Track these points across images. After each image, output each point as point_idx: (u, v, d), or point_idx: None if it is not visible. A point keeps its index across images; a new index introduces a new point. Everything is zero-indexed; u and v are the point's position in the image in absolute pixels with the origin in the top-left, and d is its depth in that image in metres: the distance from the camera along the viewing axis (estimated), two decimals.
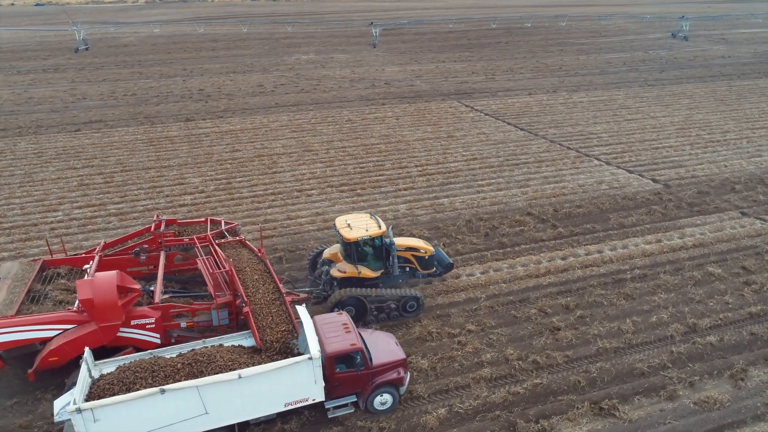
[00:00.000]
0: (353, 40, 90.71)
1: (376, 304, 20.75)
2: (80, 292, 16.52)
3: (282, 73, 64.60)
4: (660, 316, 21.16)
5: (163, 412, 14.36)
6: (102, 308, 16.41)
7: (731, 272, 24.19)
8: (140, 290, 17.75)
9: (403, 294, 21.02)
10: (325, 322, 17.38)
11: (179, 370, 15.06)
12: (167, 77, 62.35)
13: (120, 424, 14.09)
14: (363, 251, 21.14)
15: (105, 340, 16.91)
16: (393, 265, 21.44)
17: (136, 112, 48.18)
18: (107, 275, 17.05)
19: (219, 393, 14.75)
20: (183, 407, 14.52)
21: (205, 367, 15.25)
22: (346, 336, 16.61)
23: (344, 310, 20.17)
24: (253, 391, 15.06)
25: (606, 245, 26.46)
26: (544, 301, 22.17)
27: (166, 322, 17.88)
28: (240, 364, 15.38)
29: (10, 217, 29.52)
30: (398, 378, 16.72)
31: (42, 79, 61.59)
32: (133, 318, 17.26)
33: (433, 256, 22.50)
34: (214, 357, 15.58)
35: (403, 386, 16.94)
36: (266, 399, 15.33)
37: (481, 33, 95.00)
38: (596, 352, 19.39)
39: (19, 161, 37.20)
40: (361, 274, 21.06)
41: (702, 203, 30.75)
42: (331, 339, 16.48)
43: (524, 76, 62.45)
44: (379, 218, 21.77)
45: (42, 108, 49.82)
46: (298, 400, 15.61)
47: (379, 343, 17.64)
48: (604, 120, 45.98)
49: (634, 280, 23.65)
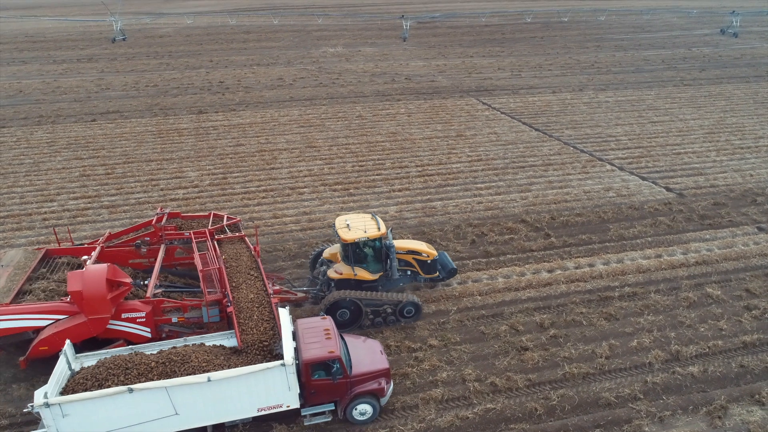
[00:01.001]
0: (385, 33, 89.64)
1: (372, 307, 20.07)
2: (70, 284, 16.68)
3: (305, 66, 64.31)
4: (641, 341, 19.57)
5: (132, 411, 14.24)
6: (91, 301, 16.52)
7: (732, 295, 22.22)
8: (130, 284, 17.70)
9: (401, 299, 20.30)
10: (306, 326, 16.79)
11: (153, 369, 14.89)
12: (192, 69, 63.03)
13: (89, 420, 14.07)
14: (361, 253, 20.56)
15: (94, 332, 17.03)
16: (392, 268, 20.80)
17: (153, 104, 48.79)
18: (97, 268, 17.09)
19: (188, 395, 14.50)
20: (152, 407, 14.38)
21: (179, 367, 15.01)
22: (326, 342, 16.01)
23: (338, 312, 19.77)
24: (224, 395, 14.74)
25: (599, 258, 24.82)
26: (518, 318, 20.88)
27: (157, 317, 17.88)
28: (215, 366, 15.10)
29: (8, 206, 30.18)
30: (378, 389, 16.10)
31: (74, 69, 63.30)
32: (124, 311, 17.36)
33: (436, 260, 21.74)
34: (189, 357, 15.33)
35: (384, 397, 16.25)
36: (238, 403, 15.01)
37: (517, 27, 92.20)
38: (562, 377, 18.05)
39: (31, 150, 38.13)
40: (357, 276, 20.50)
41: (715, 216, 28.52)
42: (309, 345, 15.92)
43: (552, 73, 60.07)
44: (380, 219, 21.08)
45: (66, 98, 51.10)
46: (272, 405, 15.26)
47: (363, 351, 17.04)
48: (627, 122, 43.55)
49: (622, 299, 22.02)
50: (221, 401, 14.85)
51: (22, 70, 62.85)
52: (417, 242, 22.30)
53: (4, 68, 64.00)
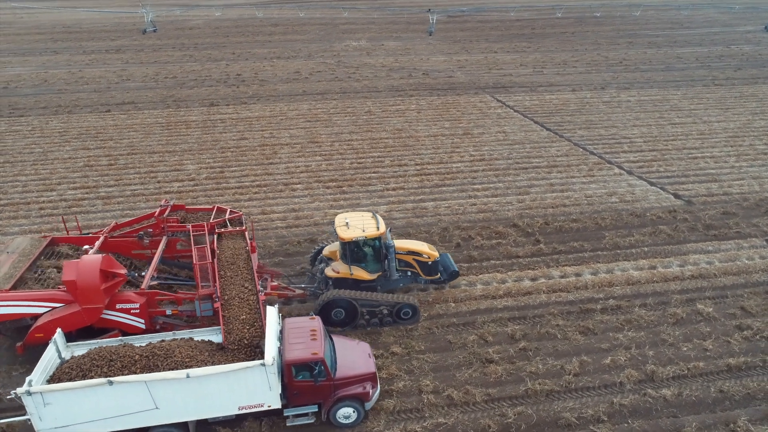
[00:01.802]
0: (412, 27, 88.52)
1: (368, 308, 19.74)
2: (65, 274, 16.93)
3: (324, 60, 64.04)
4: (616, 358, 18.54)
5: (112, 403, 14.39)
6: (84, 290, 16.75)
7: (725, 312, 20.85)
8: (125, 275, 17.83)
9: (398, 300, 19.94)
10: (293, 326, 16.62)
11: (136, 362, 15.00)
12: (213, 61, 63.58)
13: (70, 410, 14.28)
14: (360, 252, 20.27)
15: (88, 321, 17.29)
16: (390, 268, 20.53)
17: (168, 95, 49.37)
18: (92, 258, 17.29)
19: (168, 390, 14.51)
20: (132, 400, 14.46)
21: (162, 361, 15.09)
22: (311, 344, 15.77)
23: (333, 312, 19.56)
24: (204, 392, 14.71)
25: (588, 268, 23.70)
26: (489, 328, 20.09)
27: (151, 309, 18.05)
28: (199, 362, 15.17)
29: (9, 194, 30.94)
30: (362, 393, 15.83)
31: (100, 60, 64.70)
32: (119, 302, 17.59)
33: (437, 261, 21.26)
34: (172, 352, 15.41)
35: (369, 402, 15.95)
36: (218, 401, 14.95)
37: (548, 22, 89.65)
38: (524, 394, 17.24)
39: (43, 139, 39.06)
40: (353, 276, 20.21)
41: (722, 226, 26.89)
42: (293, 345, 15.75)
43: (576, 70, 58.08)
44: (380, 219, 20.71)
45: (87, 88, 52.23)
46: (253, 405, 15.16)
47: (351, 354, 16.78)
48: (645, 122, 41.65)
49: (604, 312, 20.94)
50: (201, 398, 14.80)
51: (52, 60, 64.63)
52: (418, 243, 21.81)
53: (36, 58, 65.96)
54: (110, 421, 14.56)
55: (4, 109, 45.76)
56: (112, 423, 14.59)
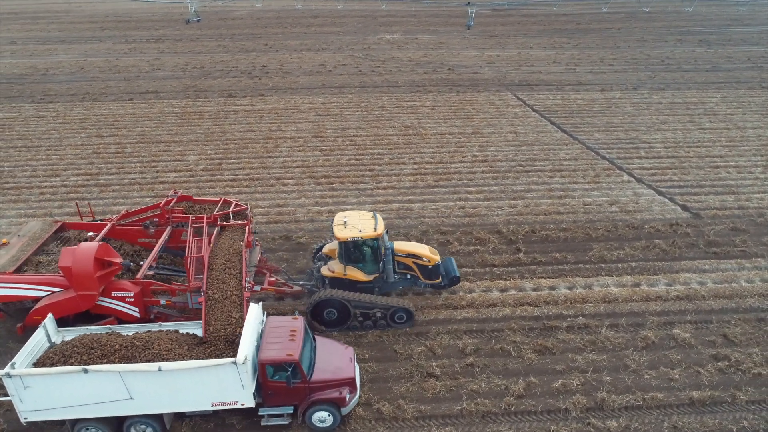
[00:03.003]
0: (452, 20, 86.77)
1: (361, 309, 19.43)
2: (61, 260, 17.40)
3: (353, 53, 63.63)
4: (568, 382, 17.36)
5: (88, 391, 14.72)
6: (79, 277, 17.14)
7: (704, 339, 19.18)
8: (120, 264, 18.12)
9: (392, 304, 19.58)
10: (274, 325, 16.55)
11: (115, 351, 15.27)
12: (244, 52, 64.33)
13: (48, 394, 14.72)
14: (357, 252, 19.94)
15: (83, 307, 17.73)
16: (386, 270, 20.18)
17: (191, 85, 50.27)
18: (88, 246, 17.65)
19: (142, 381, 14.70)
20: (107, 389, 14.72)
21: (140, 352, 15.32)
22: (288, 344, 15.63)
23: (326, 311, 19.35)
24: (176, 386, 14.84)
25: (565, 281, 22.36)
26: (442, 339, 19.25)
27: (146, 298, 18.36)
28: (176, 355, 15.35)
29: (17, 178, 32.23)
30: (338, 398, 15.58)
31: (138, 49, 66.68)
32: (114, 290, 17.96)
33: (438, 265, 20.68)
34: (151, 344, 15.65)
35: (345, 407, 15.69)
36: (191, 395, 15.03)
37: (595, 17, 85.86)
38: (458, 413, 16.39)
39: (63, 125, 40.52)
40: (347, 276, 19.89)
41: (727, 243, 24.82)
42: (270, 345, 15.68)
43: (611, 69, 55.25)
44: (379, 219, 20.26)
45: (118, 77, 53.90)
46: (227, 402, 15.14)
47: (332, 357, 16.52)
48: (672, 126, 39.08)
49: (570, 331, 19.68)
50: (174, 391, 14.93)
51: (94, 48, 67.11)
52: (419, 245, 21.22)
53: (80, 46, 68.67)
54: (87, 408, 14.89)
55: (36, 95, 47.81)
56: (88, 410, 14.92)
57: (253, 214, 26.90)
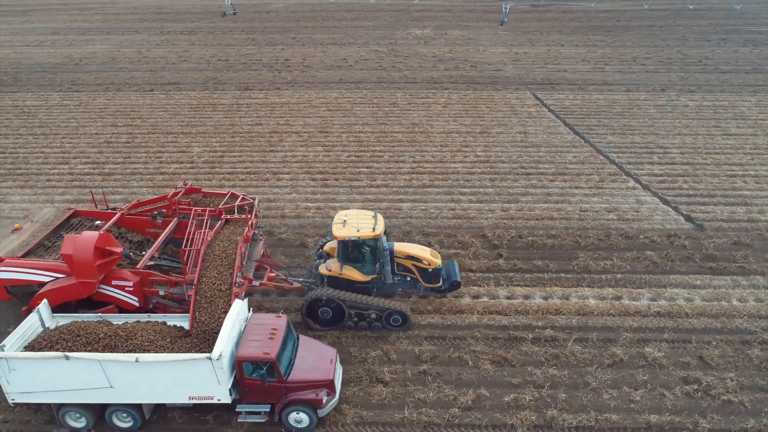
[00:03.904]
0: (487, 16, 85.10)
1: (356, 310, 19.23)
2: (63, 247, 17.86)
3: (378, 47, 63.25)
4: (520, 396, 16.70)
5: (70, 377, 15.07)
6: (79, 265, 17.55)
7: (677, 360, 18.10)
8: (120, 254, 18.45)
9: (388, 306, 19.26)
10: (256, 322, 16.63)
11: (100, 340, 15.67)
12: (271, 45, 64.90)
13: (32, 378, 15.25)
14: (355, 252, 19.78)
15: (84, 294, 18.15)
16: (384, 272, 19.94)
17: (211, 78, 51.06)
18: (89, 235, 18.04)
19: (121, 371, 14.99)
20: (88, 377, 15.05)
21: (123, 342, 15.66)
22: (267, 343, 15.59)
23: (320, 310, 19.24)
24: (154, 378, 15.09)
25: (541, 291, 21.53)
26: (399, 345, 18.87)
27: (145, 288, 18.69)
28: (158, 347, 15.56)
29: (29, 165, 33.49)
30: (314, 399, 15.47)
31: (170, 41, 68.22)
32: (114, 279, 18.37)
33: (438, 269, 20.33)
34: (135, 334, 15.95)
35: (322, 409, 15.58)
36: (168, 388, 15.24)
37: (637, 14, 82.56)
38: (399, 422, 16.04)
39: (83, 114, 41.86)
40: (344, 276, 19.73)
41: (726, 258, 23.36)
42: (249, 342, 15.69)
43: (643, 69, 52.93)
44: (380, 220, 19.98)
45: (145, 67, 55.30)
46: (203, 396, 15.30)
47: (312, 358, 16.39)
48: (694, 131, 37.10)
49: (535, 343, 18.93)
50: (152, 383, 15.17)
51: (129, 39, 69.09)
52: (420, 248, 20.88)
53: (117, 37, 70.83)
54: (69, 393, 15.31)
55: (65, 84, 49.56)
56: (71, 395, 15.33)
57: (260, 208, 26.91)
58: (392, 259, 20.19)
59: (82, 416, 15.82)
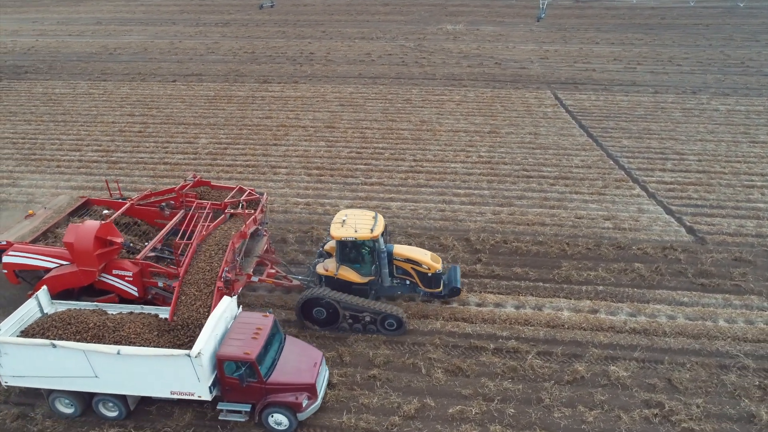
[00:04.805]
0: (524, 11, 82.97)
1: (351, 312, 18.98)
2: (66, 235, 18.29)
3: (405, 43, 62.63)
4: (467, 409, 16.14)
5: (57, 365, 15.34)
6: (80, 253, 17.84)
7: (642, 381, 17.09)
8: (120, 244, 18.67)
9: (383, 309, 18.87)
10: (242, 320, 16.36)
11: (89, 330, 15.92)
12: (299, 38, 65.25)
13: (22, 363, 15.56)
14: (352, 252, 19.44)
15: (84, 281, 18.52)
16: (382, 274, 19.55)
17: (233, 70, 51.72)
18: (91, 224, 18.30)
19: (104, 362, 15.16)
20: (74, 365, 15.27)
21: (110, 333, 15.89)
22: (250, 342, 15.38)
23: (315, 310, 19.05)
24: (136, 371, 15.20)
25: (514, 299, 20.75)
26: (357, 347, 18.58)
27: (145, 278, 18.92)
28: (143, 340, 15.70)
29: (44, 150, 34.76)
30: (293, 403, 15.23)
31: (203, 33, 69.54)
32: (115, 268, 18.63)
33: (438, 274, 19.63)
34: (122, 325, 16.17)
35: (302, 413, 15.35)
36: (150, 381, 15.35)
37: (683, 12, 78.73)
38: (336, 426, 15.81)
39: (104, 103, 43.16)
40: (339, 276, 19.38)
41: (722, 275, 21.93)
42: (231, 341, 15.51)
43: (678, 69, 50.39)
44: (380, 221, 19.42)
45: (173, 58, 56.56)
46: (184, 392, 15.31)
47: (296, 360, 16.11)
48: (718, 137, 35.02)
49: (496, 354, 18.28)
50: (134, 376, 15.33)
51: (164, 30, 70.84)
52: (420, 251, 20.19)
53: (154, 28, 72.75)
54: (57, 380, 15.57)
55: (95, 73, 51.27)
56: (59, 382, 15.61)
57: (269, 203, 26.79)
58: (391, 261, 19.63)
59: (70, 403, 16.08)
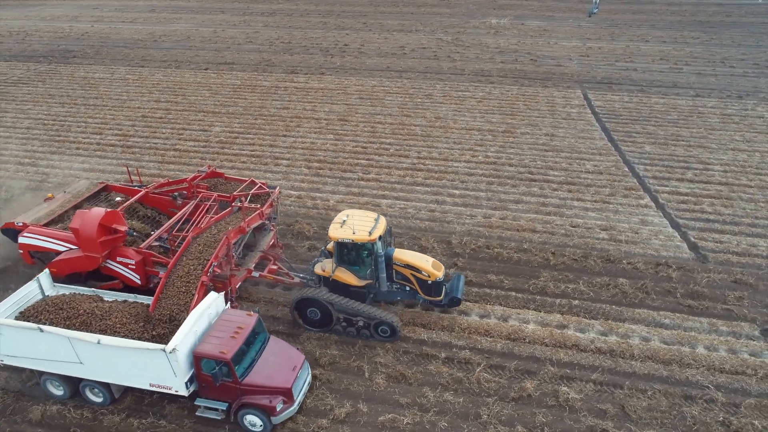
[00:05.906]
0: (577, 6, 79.63)
1: (345, 314, 18.65)
2: (73, 221, 18.74)
3: (443, 36, 61.47)
4: (399, 417, 15.76)
5: (45, 348, 15.79)
6: (84, 239, 18.34)
7: (593, 406, 16.04)
8: (125, 233, 19.11)
9: (377, 315, 18.40)
10: (225, 318, 16.25)
11: (78, 316, 16.28)
12: (338, 29, 65.29)
13: (15, 344, 16.09)
14: (350, 254, 19.09)
15: (89, 267, 19.02)
16: (379, 279, 18.90)
17: (266, 59, 52.37)
18: (96, 211, 18.63)
19: (87, 350, 15.44)
20: (60, 350, 15.64)
21: (97, 321, 16.21)
22: (228, 341, 15.28)
23: (308, 310, 19.01)
24: (115, 361, 15.42)
25: (481, 309, 19.95)
26: (308, 345, 18.47)
27: (147, 267, 19.33)
28: (128, 330, 16.00)
29: (69, 132, 36.37)
30: (267, 406, 15.03)
31: (246, 21, 70.76)
32: (119, 255, 19.15)
33: (438, 282, 18.81)
34: (109, 315, 16.46)
35: (276, 416, 15.17)
36: (130, 372, 15.54)
37: (754, 9, 73.34)
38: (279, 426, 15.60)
39: (136, 89, 44.72)
40: (334, 277, 19.11)
41: (715, 298, 20.26)
42: (210, 338, 15.46)
43: (729, 71, 46.98)
44: (381, 224, 18.84)
45: (212, 46, 57.88)
46: (162, 385, 15.39)
47: (275, 362, 15.90)
48: (753, 147, 32.40)
49: (446, 363, 17.67)
50: (114, 365, 15.64)
51: (211, 19, 72.62)
52: (422, 258, 19.28)
53: (202, 16, 74.64)
54: (46, 363, 16.00)
55: (136, 59, 53.22)
56: (47, 365, 16.03)
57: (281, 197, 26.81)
58: (391, 266, 19.04)
59: (60, 385, 16.51)
